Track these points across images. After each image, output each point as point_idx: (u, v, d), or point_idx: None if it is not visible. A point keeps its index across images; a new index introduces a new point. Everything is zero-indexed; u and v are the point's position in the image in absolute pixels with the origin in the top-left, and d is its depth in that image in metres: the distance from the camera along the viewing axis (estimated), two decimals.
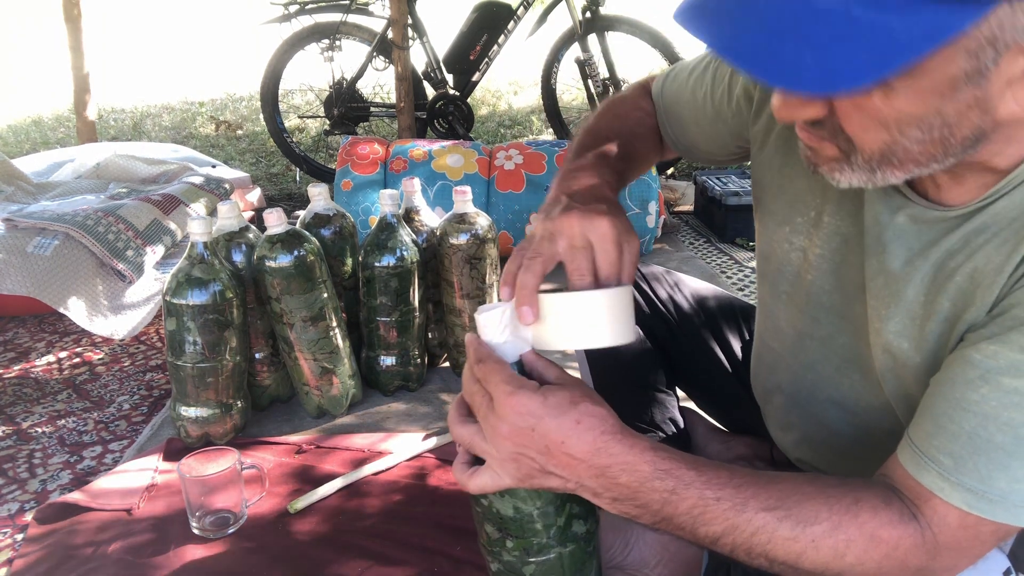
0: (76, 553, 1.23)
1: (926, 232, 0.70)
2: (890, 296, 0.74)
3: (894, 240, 0.73)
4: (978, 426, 0.62)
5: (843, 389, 0.85)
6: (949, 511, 0.64)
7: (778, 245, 0.89)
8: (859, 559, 0.65)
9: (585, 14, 3.37)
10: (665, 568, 1.02)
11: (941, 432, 0.64)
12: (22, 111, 5.69)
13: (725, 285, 2.34)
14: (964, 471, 0.63)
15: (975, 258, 0.67)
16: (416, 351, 1.71)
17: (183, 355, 1.42)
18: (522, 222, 2.46)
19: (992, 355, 0.62)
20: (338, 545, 1.23)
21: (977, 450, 0.62)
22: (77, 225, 1.99)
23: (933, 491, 0.64)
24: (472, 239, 1.64)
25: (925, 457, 0.65)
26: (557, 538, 0.75)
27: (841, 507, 0.65)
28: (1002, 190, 0.65)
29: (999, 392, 0.62)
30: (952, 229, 0.68)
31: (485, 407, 0.68)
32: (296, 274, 1.47)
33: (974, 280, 0.66)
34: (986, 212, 0.66)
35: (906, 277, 0.72)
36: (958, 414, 0.63)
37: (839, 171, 0.64)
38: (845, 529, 0.64)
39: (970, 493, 0.63)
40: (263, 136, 4.51)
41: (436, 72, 3.49)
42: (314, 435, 1.56)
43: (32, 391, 1.83)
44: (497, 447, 0.68)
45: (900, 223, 0.72)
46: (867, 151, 0.61)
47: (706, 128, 0.96)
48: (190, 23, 8.25)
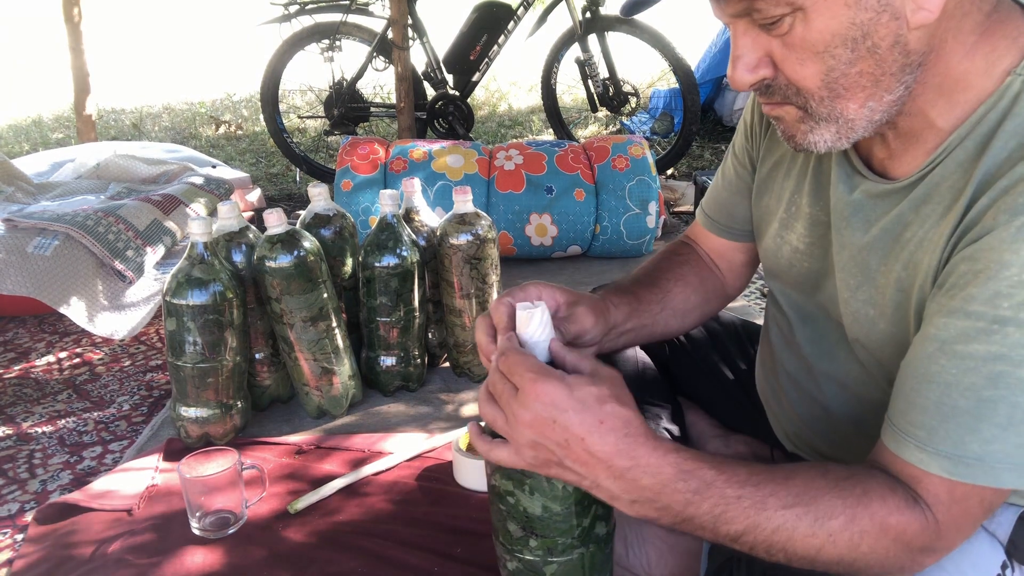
0: (76, 553, 1.23)
1: (881, 204, 0.76)
2: (856, 268, 0.79)
3: (855, 215, 0.78)
4: (942, 395, 0.65)
5: (838, 363, 0.88)
6: (938, 487, 0.66)
7: (771, 239, 0.95)
8: (872, 548, 0.67)
9: (585, 14, 3.37)
10: (666, 566, 1.02)
11: (912, 407, 0.68)
12: (22, 111, 5.69)
13: None
14: (938, 440, 0.66)
15: (924, 228, 0.71)
16: (416, 351, 1.71)
17: (183, 355, 1.42)
18: (522, 222, 2.47)
19: (943, 327, 0.66)
20: (338, 545, 1.23)
21: (945, 418, 0.65)
22: (77, 225, 1.99)
23: (914, 464, 0.67)
24: (472, 239, 1.64)
25: (902, 433, 0.68)
26: (581, 538, 0.76)
27: (853, 499, 0.67)
28: (938, 159, 0.70)
29: (955, 360, 0.65)
30: (902, 199, 0.74)
31: (508, 394, 0.69)
32: (296, 274, 1.47)
33: (922, 248, 0.71)
34: (926, 181, 0.71)
35: (868, 248, 0.77)
36: (923, 387, 0.67)
37: (809, 131, 0.71)
38: (859, 521, 0.66)
39: (947, 460, 0.65)
40: (263, 136, 4.51)
41: (436, 72, 3.49)
42: (314, 435, 1.56)
43: (32, 391, 1.83)
44: (518, 433, 0.68)
45: (858, 199, 0.78)
46: (814, 90, 0.67)
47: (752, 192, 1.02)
48: (190, 23, 8.25)
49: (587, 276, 2.43)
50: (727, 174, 1.05)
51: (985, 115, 0.67)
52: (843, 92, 0.67)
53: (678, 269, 1.05)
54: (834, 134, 0.70)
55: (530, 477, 0.73)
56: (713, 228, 1.08)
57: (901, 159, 0.74)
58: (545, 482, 0.73)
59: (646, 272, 1.04)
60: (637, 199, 2.48)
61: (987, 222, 0.64)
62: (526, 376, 0.67)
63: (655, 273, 1.03)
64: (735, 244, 1.07)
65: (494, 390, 0.70)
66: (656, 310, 0.99)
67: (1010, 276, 0.62)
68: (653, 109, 4.23)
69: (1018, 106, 0.65)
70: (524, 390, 0.67)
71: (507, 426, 0.69)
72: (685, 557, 1.02)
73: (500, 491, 0.77)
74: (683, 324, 1.05)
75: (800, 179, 0.89)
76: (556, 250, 2.54)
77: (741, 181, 1.02)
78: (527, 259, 2.59)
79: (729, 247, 1.08)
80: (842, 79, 0.66)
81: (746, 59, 0.69)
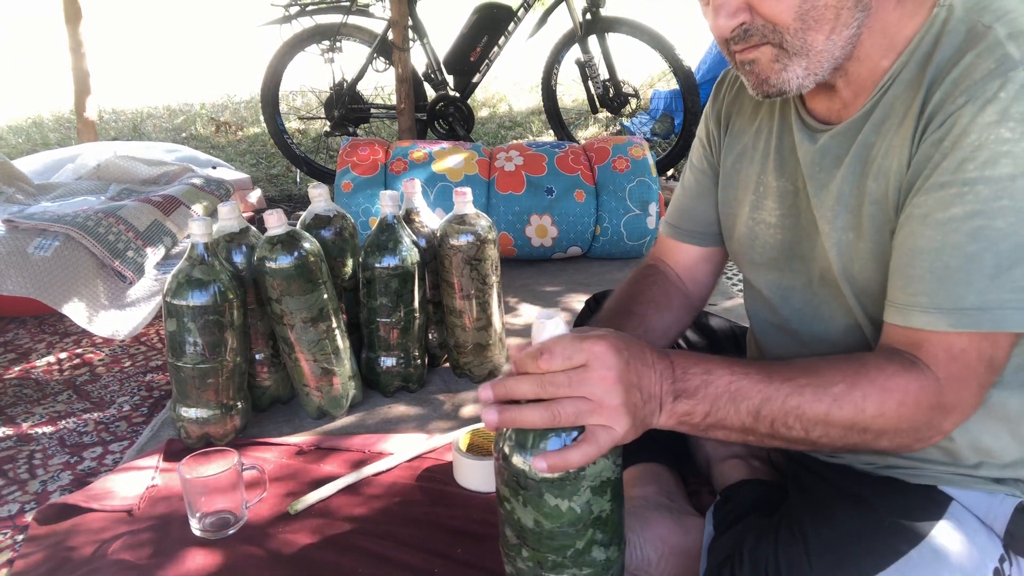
0: (76, 554, 1.23)
1: (844, 139, 0.84)
2: (832, 200, 0.86)
3: (824, 157, 0.87)
4: (934, 261, 0.73)
5: (824, 321, 0.93)
6: (939, 344, 0.73)
7: (744, 225, 1.01)
8: (878, 410, 0.73)
9: (585, 16, 3.38)
10: (668, 565, 1.02)
11: (910, 282, 0.75)
12: (22, 111, 5.69)
13: (724, 285, 2.34)
14: (940, 299, 0.73)
15: (887, 140, 0.80)
16: (416, 352, 1.71)
17: (183, 356, 1.42)
18: (522, 223, 2.47)
19: (922, 204, 0.74)
20: (338, 546, 1.23)
21: (941, 280, 0.73)
22: (78, 226, 1.99)
23: (921, 327, 0.74)
24: (472, 240, 1.65)
25: (906, 306, 0.75)
26: (573, 560, 0.74)
27: (851, 369, 0.75)
28: (886, 84, 0.80)
29: (937, 227, 0.73)
30: (862, 127, 0.82)
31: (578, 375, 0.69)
32: (296, 275, 1.47)
33: (889, 156, 0.79)
34: (882, 103, 0.81)
35: (840, 177, 0.84)
36: (915, 259, 0.74)
37: (783, 69, 0.79)
38: (860, 385, 0.74)
39: (951, 314, 0.72)
40: (263, 137, 4.51)
41: (436, 73, 3.49)
42: (314, 436, 1.56)
43: (32, 392, 1.83)
44: (609, 397, 0.69)
45: (824, 143, 0.86)
46: (788, 23, 0.76)
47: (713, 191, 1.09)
48: (191, 24, 8.26)
49: (587, 277, 2.43)
50: (687, 184, 1.13)
51: (922, 39, 0.78)
52: (813, 24, 0.76)
53: (648, 292, 1.09)
54: (804, 69, 0.78)
55: (524, 489, 0.73)
56: (679, 236, 1.13)
57: (853, 104, 0.84)
58: (538, 497, 0.72)
59: (620, 303, 1.08)
60: (637, 200, 2.48)
61: (946, 108, 0.73)
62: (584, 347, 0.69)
63: (629, 302, 1.07)
64: (701, 251, 1.13)
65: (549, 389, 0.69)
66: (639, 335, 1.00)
67: (971, 142, 0.70)
68: (653, 110, 4.23)
69: (948, 25, 0.76)
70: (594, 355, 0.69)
71: (591, 403, 0.69)
72: (685, 558, 1.02)
73: (500, 496, 0.76)
74: (665, 341, 1.09)
75: (763, 161, 0.97)
76: (556, 251, 2.54)
77: (701, 186, 1.10)
78: (527, 260, 2.59)
79: (695, 256, 1.13)
80: (812, 11, 0.75)
81: (728, 6, 0.77)
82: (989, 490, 0.83)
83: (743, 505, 1.01)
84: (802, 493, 0.91)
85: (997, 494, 0.83)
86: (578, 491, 0.72)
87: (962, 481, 0.84)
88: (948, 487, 0.84)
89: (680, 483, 1.19)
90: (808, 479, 0.93)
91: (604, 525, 0.73)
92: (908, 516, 0.80)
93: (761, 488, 1.06)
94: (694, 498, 1.22)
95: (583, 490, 0.72)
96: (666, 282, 1.12)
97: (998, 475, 0.83)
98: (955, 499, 0.82)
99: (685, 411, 0.74)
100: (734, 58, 0.83)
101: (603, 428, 0.70)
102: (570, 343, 0.70)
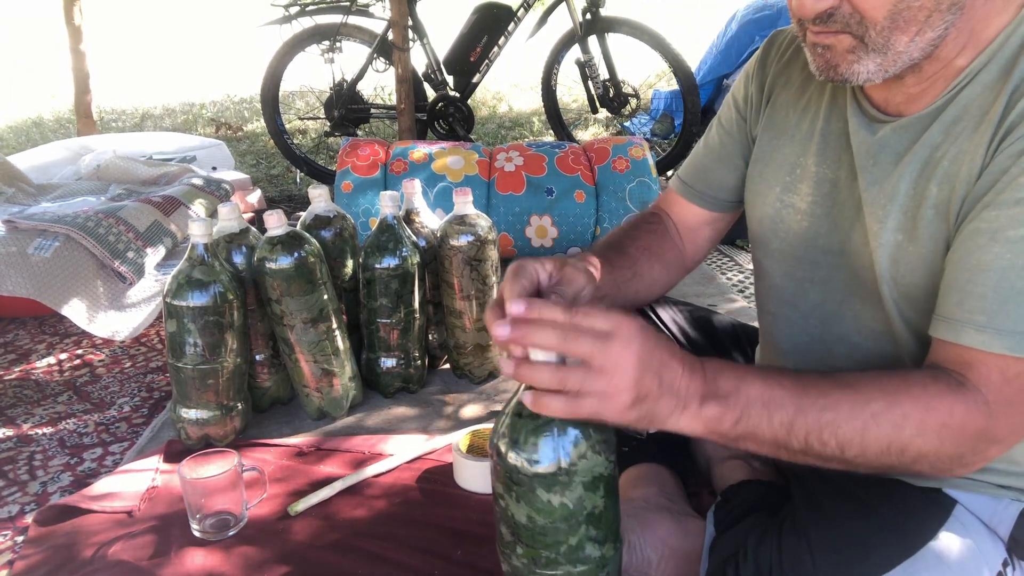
0: (76, 555, 1.23)
1: (907, 135, 0.80)
2: (885, 198, 0.82)
3: (881, 151, 0.82)
4: (1000, 279, 0.69)
5: (847, 322, 0.90)
6: (992, 366, 0.70)
7: (770, 206, 0.97)
8: (918, 430, 0.70)
9: (585, 16, 3.37)
10: (668, 566, 1.02)
11: (968, 297, 0.71)
12: (22, 112, 5.69)
13: (725, 286, 2.34)
14: (999, 320, 0.69)
15: (957, 144, 0.76)
16: (417, 353, 1.71)
17: (183, 357, 1.42)
18: (522, 224, 2.47)
19: (994, 219, 0.70)
20: (338, 547, 1.23)
21: (1005, 300, 0.69)
22: (78, 227, 1.99)
23: (974, 346, 0.70)
24: (473, 241, 1.64)
25: (960, 323, 0.72)
26: (567, 556, 0.74)
27: (891, 386, 0.71)
28: (962, 83, 0.76)
29: (1009, 245, 0.69)
30: (929, 124, 0.78)
31: (600, 341, 0.65)
32: (296, 276, 1.47)
33: (958, 161, 0.75)
34: (955, 103, 0.77)
35: (898, 175, 0.80)
36: (979, 276, 0.71)
37: (856, 61, 0.75)
38: (900, 403, 0.70)
39: (1010, 337, 0.69)
40: (263, 138, 4.51)
41: (436, 74, 3.49)
42: (314, 437, 1.56)
43: (32, 393, 1.83)
44: (622, 373, 0.66)
45: (884, 135, 0.82)
46: (878, 20, 0.71)
47: (736, 159, 1.05)
48: (191, 25, 8.26)
49: None
50: (711, 144, 1.08)
51: (1006, 40, 0.74)
52: (902, 24, 0.71)
53: (645, 239, 1.08)
54: (878, 65, 0.74)
55: (518, 485, 0.73)
56: (689, 195, 1.10)
57: (919, 100, 0.79)
58: (530, 492, 0.72)
59: (616, 240, 1.06)
60: (637, 200, 2.48)
61: None
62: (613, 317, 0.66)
63: (625, 241, 1.06)
64: (707, 215, 1.10)
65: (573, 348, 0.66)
66: (627, 276, 1.01)
67: None
68: (653, 110, 4.23)
69: None
70: (620, 325, 0.66)
71: (602, 375, 0.66)
72: (685, 560, 1.02)
73: (495, 492, 0.76)
74: (649, 294, 1.07)
75: (805, 143, 0.93)
76: (556, 252, 2.54)
77: (725, 149, 1.05)
78: None
79: (699, 217, 1.11)
80: (905, 11, 0.71)
81: None
82: (994, 494, 0.83)
83: (744, 505, 1.01)
84: (805, 494, 0.91)
85: (1002, 499, 0.83)
86: (570, 486, 0.72)
87: (967, 484, 0.83)
88: (953, 490, 0.83)
89: (680, 484, 1.19)
90: (811, 480, 0.93)
91: (598, 521, 0.73)
92: (912, 518, 0.79)
93: (762, 489, 1.06)
94: (694, 499, 1.22)
95: (575, 485, 0.72)
96: (665, 234, 1.11)
97: (1003, 480, 0.83)
98: (959, 502, 0.82)
99: (715, 416, 0.70)
100: (805, 35, 0.79)
101: (598, 397, 0.66)
102: (599, 311, 0.67)
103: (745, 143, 1.04)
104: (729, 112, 1.06)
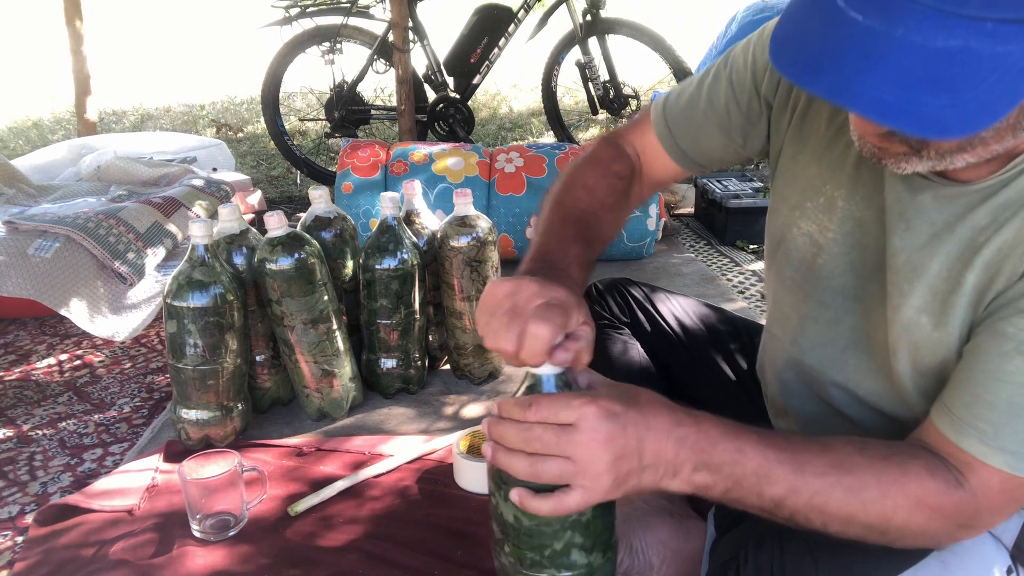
0: (76, 555, 1.23)
1: (949, 208, 0.73)
2: (912, 271, 0.76)
3: (917, 217, 0.75)
4: (1014, 394, 0.67)
5: (847, 371, 0.87)
6: (992, 476, 0.68)
7: (787, 230, 0.91)
8: (905, 522, 0.69)
9: (585, 17, 3.38)
10: (668, 570, 1.02)
11: (978, 401, 0.68)
12: (22, 112, 5.70)
13: (725, 288, 2.34)
14: (1004, 436, 0.67)
15: (1003, 231, 0.69)
16: (417, 354, 1.71)
17: (184, 357, 1.42)
18: (522, 225, 2.47)
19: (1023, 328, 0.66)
20: (339, 548, 1.23)
21: (1015, 417, 0.67)
22: (78, 227, 1.99)
23: (975, 455, 0.68)
24: (473, 242, 1.65)
25: (965, 424, 0.69)
26: (551, 560, 0.74)
27: (889, 478, 0.69)
28: (1020, 164, 0.69)
29: None
30: (977, 204, 0.71)
31: (565, 435, 0.65)
32: (297, 277, 1.47)
33: (1001, 252, 0.69)
34: (1011, 187, 0.69)
35: (931, 252, 0.74)
36: (994, 384, 0.68)
37: (906, 162, 0.68)
38: (893, 497, 0.69)
39: (1011, 455, 0.67)
40: (264, 139, 4.51)
41: (437, 75, 3.49)
42: (314, 437, 1.56)
43: (33, 393, 1.83)
44: (594, 462, 0.66)
45: (923, 201, 0.75)
46: (945, 146, 0.65)
47: (734, 134, 0.96)
48: (191, 26, 8.26)
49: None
50: (715, 105, 0.95)
51: None
52: (968, 148, 0.65)
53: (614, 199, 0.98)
54: (929, 168, 0.68)
55: (505, 483, 0.72)
56: (671, 150, 1.00)
57: (972, 169, 0.71)
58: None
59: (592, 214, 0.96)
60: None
61: None
62: (574, 405, 0.66)
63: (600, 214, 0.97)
64: (677, 170, 1.01)
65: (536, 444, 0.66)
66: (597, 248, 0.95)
67: None
68: None
69: None
70: (583, 416, 0.65)
71: (575, 465, 0.66)
72: (687, 562, 1.02)
73: (489, 489, 0.77)
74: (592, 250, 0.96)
75: (835, 171, 0.84)
76: None
77: (730, 119, 0.95)
78: None
79: (670, 172, 1.02)
80: (978, 141, 0.65)
81: None
82: None
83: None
84: None
85: None
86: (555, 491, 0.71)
87: None
88: None
89: None
90: None
91: (584, 529, 0.72)
92: None
93: None
94: (695, 501, 1.22)
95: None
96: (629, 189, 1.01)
97: None
98: None
99: (704, 483, 0.69)
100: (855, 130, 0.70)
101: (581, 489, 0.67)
102: (561, 400, 0.67)
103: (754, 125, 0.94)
104: (746, 90, 0.93)
